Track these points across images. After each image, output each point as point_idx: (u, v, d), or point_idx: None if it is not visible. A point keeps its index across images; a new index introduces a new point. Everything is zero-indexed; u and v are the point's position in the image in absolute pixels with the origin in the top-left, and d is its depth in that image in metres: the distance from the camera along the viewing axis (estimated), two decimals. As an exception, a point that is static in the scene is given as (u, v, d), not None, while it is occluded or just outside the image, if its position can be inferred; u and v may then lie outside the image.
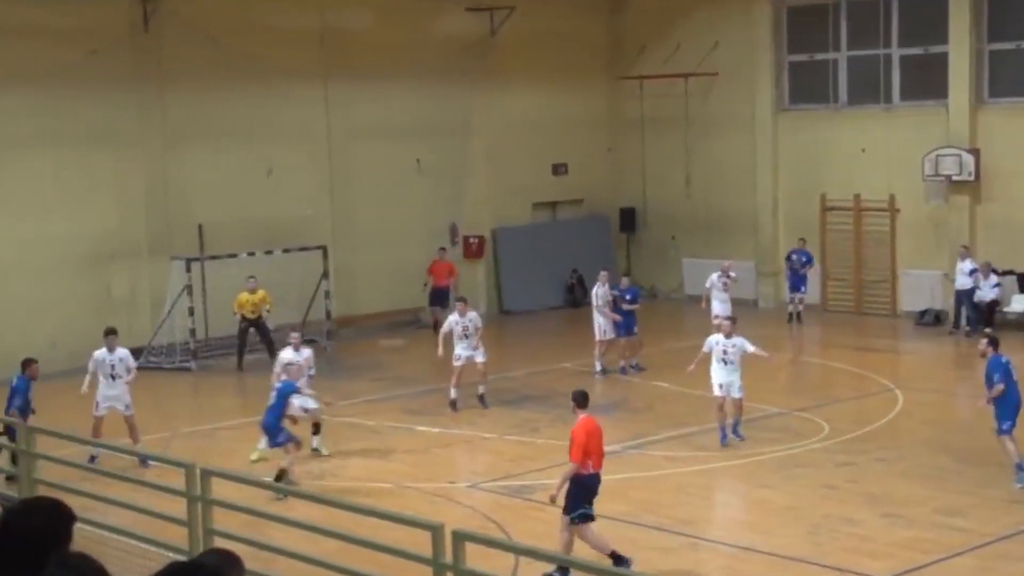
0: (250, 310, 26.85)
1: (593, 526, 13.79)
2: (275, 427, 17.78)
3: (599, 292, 25.19)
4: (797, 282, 30.70)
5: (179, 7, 27.28)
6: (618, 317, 25.01)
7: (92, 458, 17.88)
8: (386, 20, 31.12)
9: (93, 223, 27.16)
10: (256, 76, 28.57)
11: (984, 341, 17.84)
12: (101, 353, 19.52)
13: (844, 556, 14.53)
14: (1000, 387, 17.03)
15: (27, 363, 18.47)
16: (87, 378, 19.52)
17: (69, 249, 26.77)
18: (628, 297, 25.47)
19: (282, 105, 29.59)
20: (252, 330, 27.06)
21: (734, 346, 19.78)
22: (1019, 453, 17.08)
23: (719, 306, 26.98)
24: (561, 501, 13.81)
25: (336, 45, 30.53)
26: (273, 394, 18.19)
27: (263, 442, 18.33)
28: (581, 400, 14.23)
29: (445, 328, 22.84)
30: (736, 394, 19.70)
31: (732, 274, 27.83)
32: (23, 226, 26.17)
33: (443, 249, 31.63)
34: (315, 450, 19.42)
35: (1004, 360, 17.35)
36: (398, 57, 30.97)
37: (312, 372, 19.83)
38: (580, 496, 13.73)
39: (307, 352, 19.96)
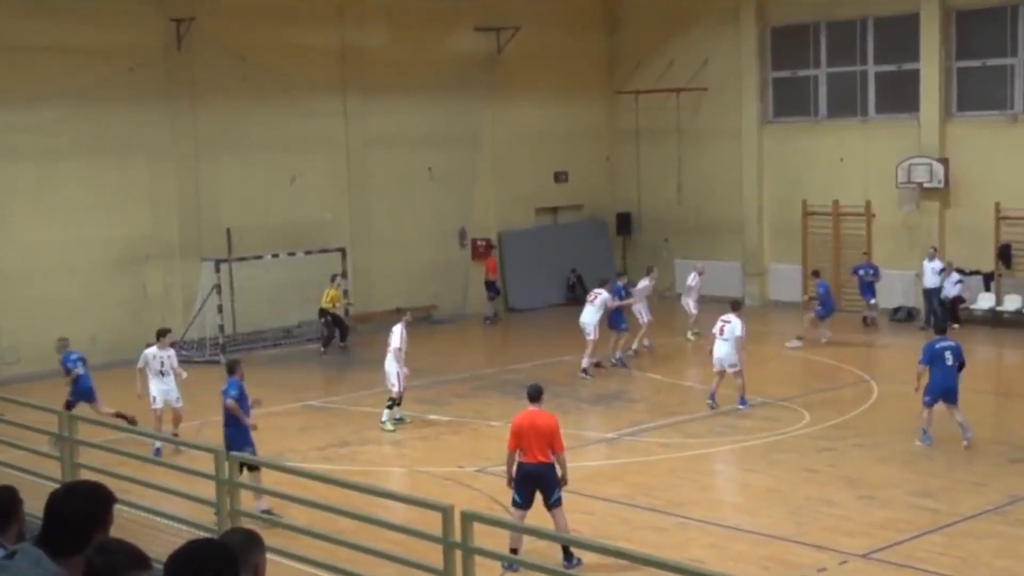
0: (333, 303, 27.73)
1: (519, 514, 13.40)
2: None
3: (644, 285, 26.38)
4: (866, 291, 29.86)
5: (210, 27, 27.27)
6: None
7: (157, 451, 17.92)
8: (400, 39, 31.10)
9: (129, 227, 27.17)
10: (280, 91, 28.57)
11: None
12: (152, 351, 19.50)
13: (824, 535, 14.50)
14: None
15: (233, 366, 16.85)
16: (139, 377, 19.46)
17: (107, 251, 26.78)
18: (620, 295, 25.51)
19: (304, 117, 29.58)
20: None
21: (728, 322, 21.30)
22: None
23: (694, 304, 27.66)
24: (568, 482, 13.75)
25: (354, 62, 30.53)
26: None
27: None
28: (530, 394, 13.91)
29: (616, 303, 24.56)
30: (729, 369, 21.04)
31: (702, 274, 28.27)
32: (65, 230, 26.18)
33: (493, 247, 32.00)
34: (399, 420, 20.40)
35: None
36: (411, 73, 30.94)
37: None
38: (515, 483, 13.53)
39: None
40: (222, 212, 28.26)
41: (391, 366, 20.30)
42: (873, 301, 29.65)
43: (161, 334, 19.74)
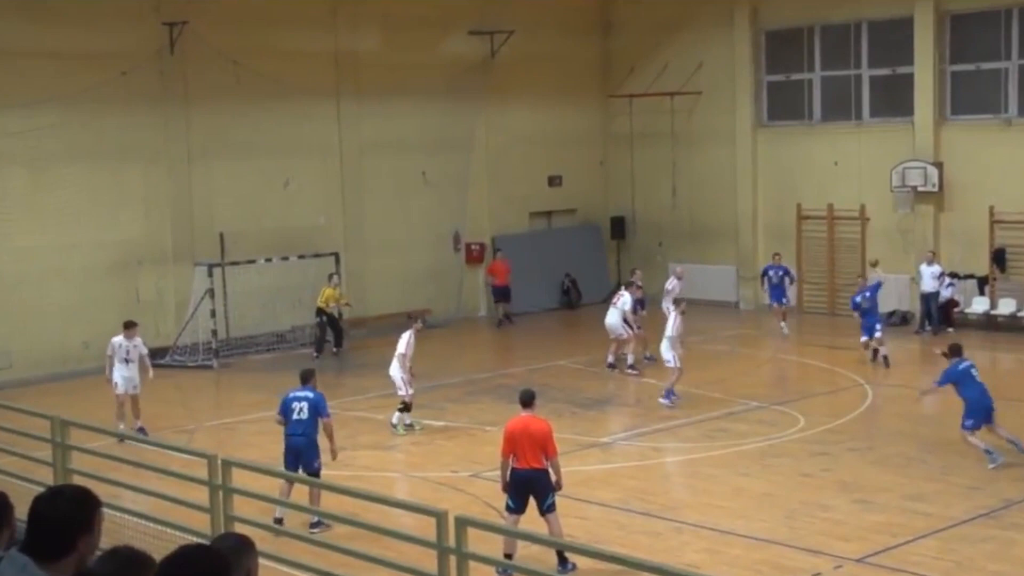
0: (330, 302, 27.55)
1: (512, 519, 13.44)
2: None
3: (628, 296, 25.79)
4: (777, 294, 29.97)
5: (203, 31, 27.26)
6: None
7: (122, 438, 18.29)
8: (394, 42, 31.11)
9: (122, 231, 27.15)
10: (274, 95, 28.55)
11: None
12: (119, 339, 20.51)
13: (818, 539, 14.51)
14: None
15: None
16: (107, 363, 20.49)
17: (100, 256, 26.76)
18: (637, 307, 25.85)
19: (298, 122, 29.57)
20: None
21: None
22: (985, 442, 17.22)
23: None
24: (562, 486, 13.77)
25: (348, 66, 30.53)
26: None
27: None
28: (523, 399, 13.98)
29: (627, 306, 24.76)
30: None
31: (681, 278, 28.02)
32: (58, 235, 26.16)
33: (499, 250, 31.97)
34: (409, 425, 20.42)
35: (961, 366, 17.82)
36: (405, 77, 30.94)
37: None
38: (509, 488, 13.56)
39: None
40: (215, 216, 28.24)
41: (395, 372, 20.32)
42: (784, 301, 29.56)
43: (127, 325, 20.72)
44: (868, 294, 25.39)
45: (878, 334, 25.15)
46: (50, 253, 26.03)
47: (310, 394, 15.44)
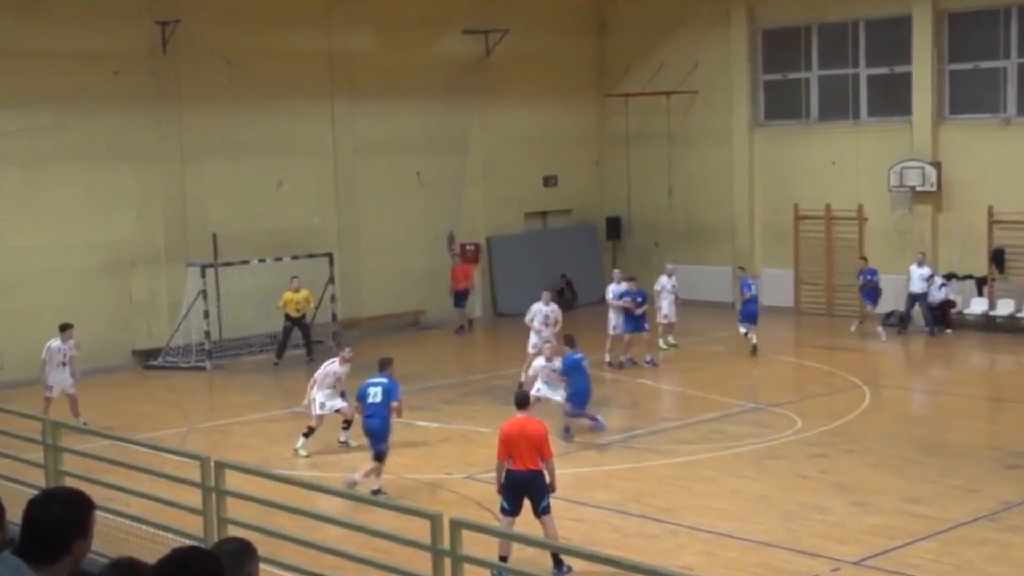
0: (294, 308, 27.06)
1: (507, 521, 13.46)
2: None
3: (615, 289, 25.94)
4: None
5: (196, 31, 27.24)
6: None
7: (84, 423, 19.17)
8: (388, 42, 31.11)
9: (115, 232, 27.13)
10: (267, 95, 28.54)
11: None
12: (56, 343, 20.73)
13: (815, 541, 14.53)
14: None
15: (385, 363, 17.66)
16: (42, 367, 20.68)
17: (92, 256, 26.74)
18: (640, 299, 25.83)
19: (291, 122, 29.57)
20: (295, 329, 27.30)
21: None
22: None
23: (668, 306, 27.53)
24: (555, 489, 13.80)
25: (342, 66, 30.54)
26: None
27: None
28: (517, 401, 14.09)
29: (528, 316, 24.04)
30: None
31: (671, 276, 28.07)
32: (50, 235, 26.14)
33: (456, 255, 31.72)
34: (343, 443, 19.58)
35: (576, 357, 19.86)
36: (399, 77, 30.94)
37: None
38: (504, 490, 13.58)
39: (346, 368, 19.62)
40: (208, 217, 28.23)
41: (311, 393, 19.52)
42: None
43: (63, 328, 20.95)
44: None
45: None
46: (43, 253, 26.01)
47: (384, 380, 17.17)
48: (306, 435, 19.30)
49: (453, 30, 32.51)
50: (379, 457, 16.89)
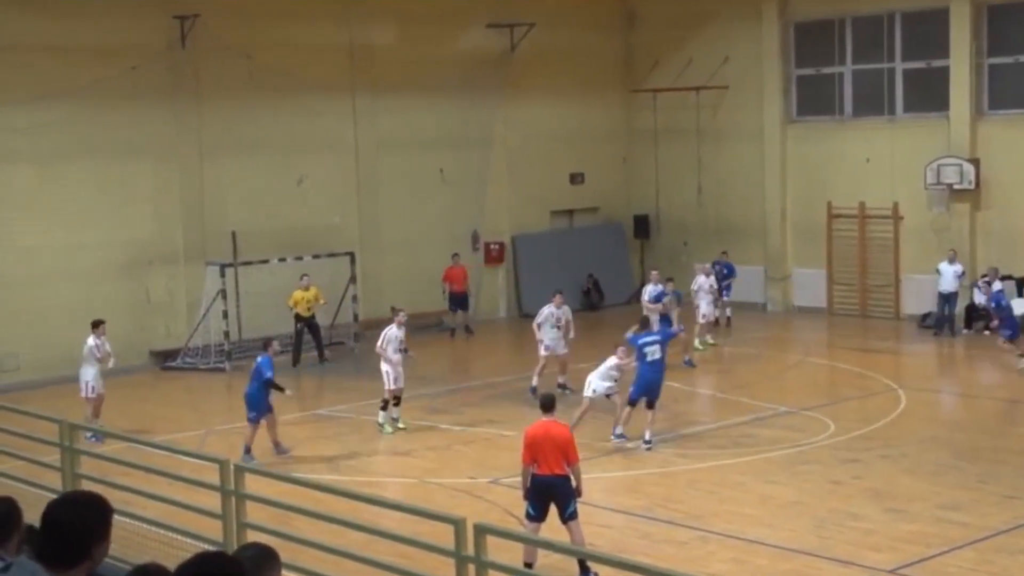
0: (304, 307, 27.14)
1: (532, 527, 13.47)
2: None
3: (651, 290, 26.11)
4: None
5: (214, 25, 27.35)
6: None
7: (101, 426, 19.27)
8: (411, 36, 31.17)
9: (132, 230, 27.26)
10: (287, 90, 28.63)
11: None
12: (93, 340, 20.92)
13: (849, 549, 14.48)
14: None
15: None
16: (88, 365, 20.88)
17: (110, 255, 26.88)
18: (676, 298, 26.04)
19: (312, 118, 29.65)
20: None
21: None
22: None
23: (706, 306, 27.54)
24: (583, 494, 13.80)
25: (363, 61, 30.60)
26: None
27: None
28: (543, 404, 14.02)
29: (539, 318, 23.78)
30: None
31: (708, 275, 28.10)
32: (67, 233, 26.29)
33: (456, 255, 31.52)
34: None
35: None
36: (422, 71, 31.00)
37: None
38: (530, 495, 13.59)
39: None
40: (227, 215, 28.32)
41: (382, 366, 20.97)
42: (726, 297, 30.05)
43: (96, 324, 21.15)
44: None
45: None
46: (58, 253, 26.16)
47: (659, 337, 19.92)
48: (383, 408, 20.64)
49: (477, 24, 32.54)
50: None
